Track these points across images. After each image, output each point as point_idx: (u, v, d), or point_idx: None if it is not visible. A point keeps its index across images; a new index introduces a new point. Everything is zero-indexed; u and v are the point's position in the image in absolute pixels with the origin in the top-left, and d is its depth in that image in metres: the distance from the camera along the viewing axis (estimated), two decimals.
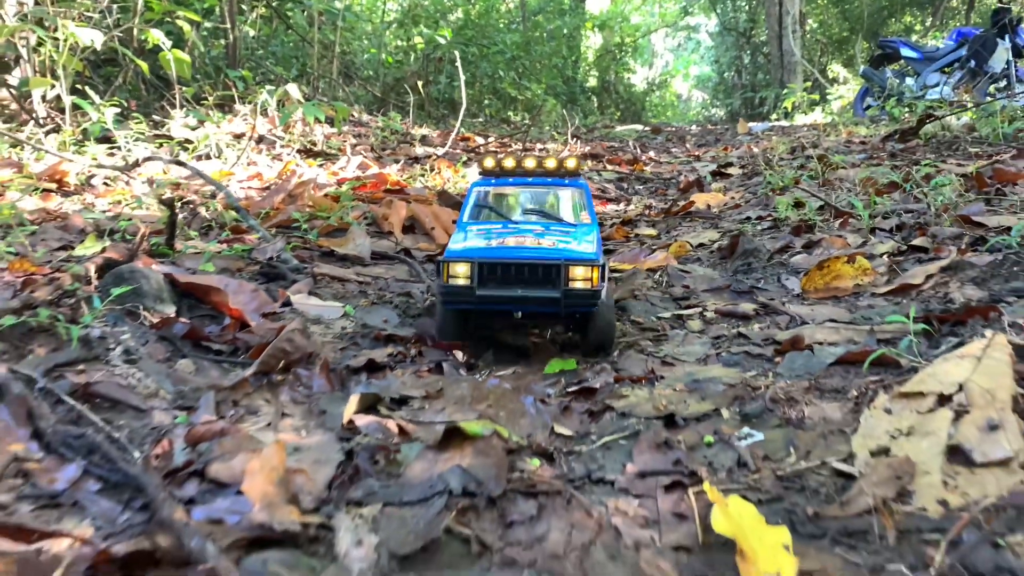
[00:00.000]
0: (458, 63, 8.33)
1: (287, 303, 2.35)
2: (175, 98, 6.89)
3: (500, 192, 2.51)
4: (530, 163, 2.50)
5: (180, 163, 3.94)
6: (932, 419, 1.42)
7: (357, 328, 2.32)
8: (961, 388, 1.46)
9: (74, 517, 1.26)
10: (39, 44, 5.63)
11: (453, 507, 1.24)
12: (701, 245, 3.64)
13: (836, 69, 16.79)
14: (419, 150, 7.67)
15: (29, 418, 1.47)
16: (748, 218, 4.12)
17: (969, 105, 7.63)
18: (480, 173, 2.55)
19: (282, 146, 6.79)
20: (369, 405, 1.72)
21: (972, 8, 17.58)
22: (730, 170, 6.38)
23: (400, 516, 1.24)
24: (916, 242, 2.96)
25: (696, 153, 8.70)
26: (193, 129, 6.36)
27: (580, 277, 2.01)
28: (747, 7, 20.27)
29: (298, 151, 6.54)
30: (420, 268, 3.21)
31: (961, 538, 1.10)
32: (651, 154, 8.73)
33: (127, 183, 4.74)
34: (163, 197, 2.71)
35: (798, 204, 4.03)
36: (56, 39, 5.59)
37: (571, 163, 2.49)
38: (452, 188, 5.20)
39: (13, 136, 4.77)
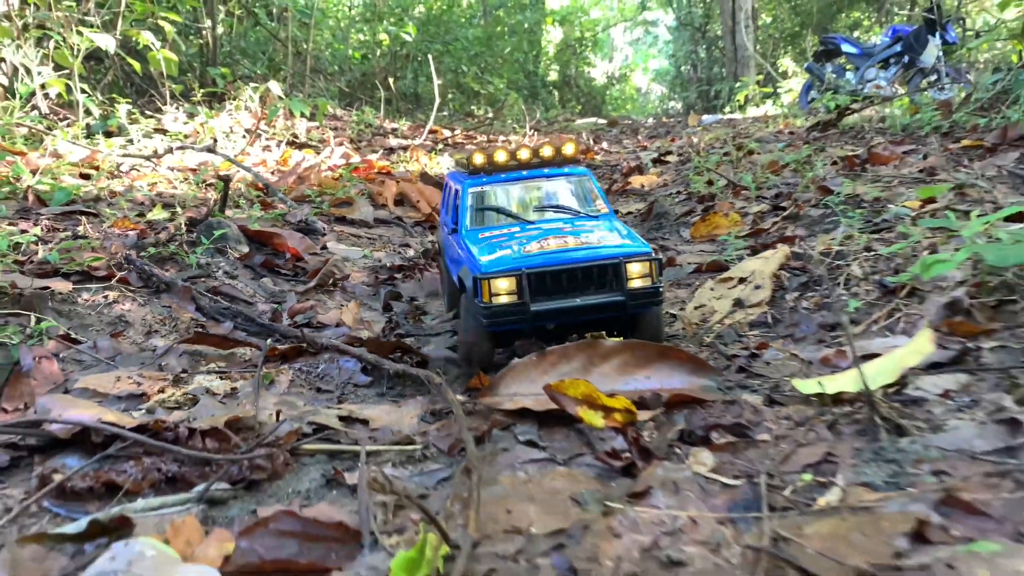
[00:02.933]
0: (431, 63, 9.20)
1: (324, 247, 3.30)
2: (159, 95, 7.63)
3: (500, 190, 2.18)
4: (524, 154, 2.22)
5: (212, 151, 4.80)
6: (732, 291, 2.43)
7: (374, 263, 3.27)
8: (753, 273, 2.48)
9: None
10: (17, 45, 6.30)
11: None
12: (629, 212, 4.65)
13: (787, 63, 17.76)
14: (392, 142, 8.57)
15: (192, 300, 2.41)
16: (670, 193, 5.14)
17: (899, 95, 8.72)
18: (470, 172, 2.24)
19: (267, 138, 7.65)
20: (393, 298, 2.69)
21: (916, 4, 18.70)
22: (669, 158, 7.42)
23: (427, 339, 2.21)
24: (783, 204, 4.00)
25: (645, 144, 9.73)
26: (185, 123, 7.19)
27: (638, 274, 1.82)
28: (702, 2, 21.21)
29: (285, 143, 7.41)
30: (411, 230, 4.17)
31: (722, 333, 2.10)
32: (604, 145, 9.75)
33: (153, 169, 5.61)
34: (220, 174, 3.60)
35: (710, 182, 5.06)
36: (70, 44, 6.37)
37: (569, 149, 2.25)
38: (430, 171, 6.15)
39: (84, 145, 5.58)
